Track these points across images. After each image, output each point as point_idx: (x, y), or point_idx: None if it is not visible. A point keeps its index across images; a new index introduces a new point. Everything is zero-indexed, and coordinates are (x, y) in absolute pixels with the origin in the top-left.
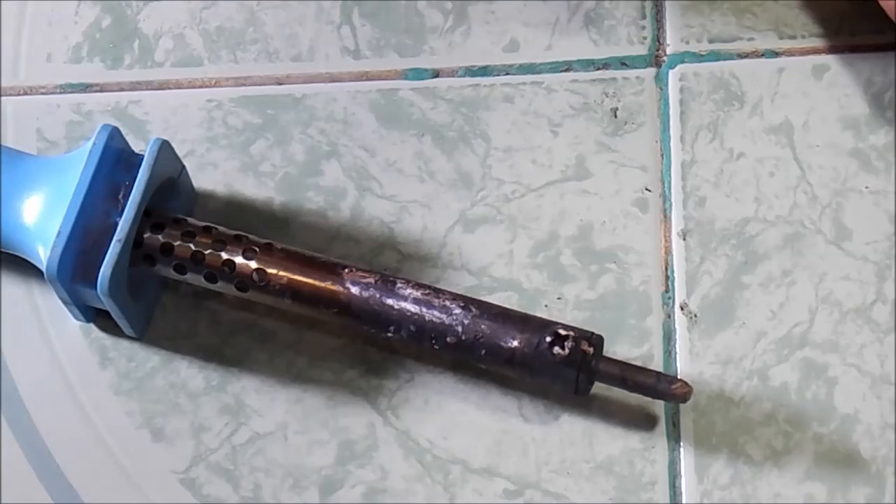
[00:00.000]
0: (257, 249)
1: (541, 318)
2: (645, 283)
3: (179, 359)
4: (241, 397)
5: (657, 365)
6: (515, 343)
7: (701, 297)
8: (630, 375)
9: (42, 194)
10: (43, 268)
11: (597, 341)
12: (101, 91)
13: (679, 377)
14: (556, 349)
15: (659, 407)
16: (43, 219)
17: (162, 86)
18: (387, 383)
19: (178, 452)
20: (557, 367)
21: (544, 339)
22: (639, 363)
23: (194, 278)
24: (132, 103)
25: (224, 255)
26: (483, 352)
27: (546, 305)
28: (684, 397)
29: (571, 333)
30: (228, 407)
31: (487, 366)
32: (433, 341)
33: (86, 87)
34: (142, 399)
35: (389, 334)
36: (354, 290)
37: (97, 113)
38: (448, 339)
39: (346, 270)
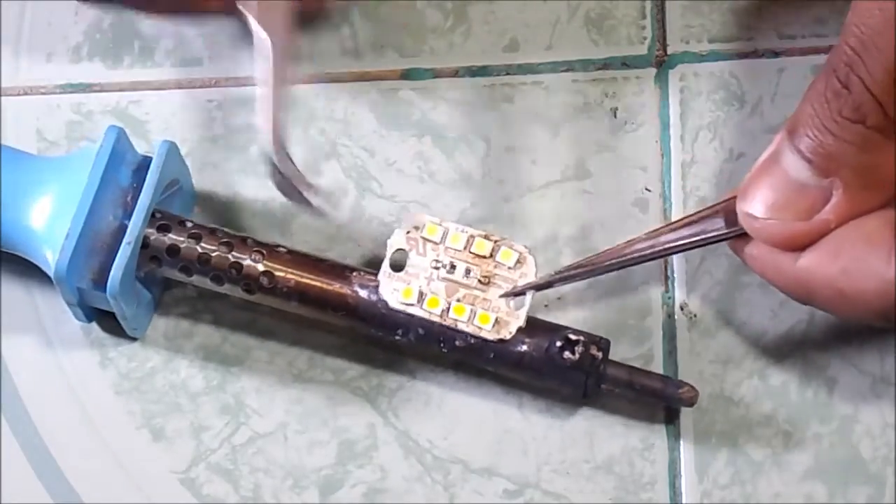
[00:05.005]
0: (265, 252)
1: (549, 323)
2: (645, 283)
3: (179, 359)
4: (241, 397)
5: (658, 365)
6: (525, 347)
7: (701, 297)
8: (637, 379)
9: (48, 196)
10: (50, 270)
11: (605, 345)
12: (101, 91)
13: (685, 381)
14: (567, 354)
15: (659, 407)
16: (50, 221)
17: (162, 86)
18: (387, 383)
19: (178, 452)
20: (567, 372)
21: (554, 343)
22: (639, 363)
23: (200, 280)
24: (132, 103)
25: (231, 258)
26: (492, 355)
27: (546, 305)
28: (691, 401)
29: (581, 338)
30: (228, 407)
31: (496, 369)
32: (441, 345)
33: (86, 87)
34: (142, 399)
35: (398, 337)
36: (363, 293)
37: (97, 113)
38: (457, 343)
39: (355, 273)
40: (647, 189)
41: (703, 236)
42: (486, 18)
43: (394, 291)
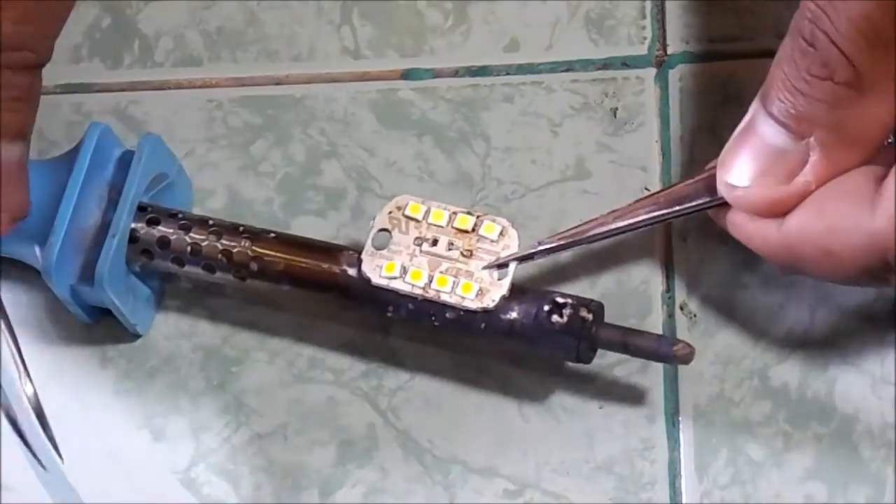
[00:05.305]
0: (253, 237)
1: (539, 289)
2: (645, 283)
3: (179, 359)
4: (241, 397)
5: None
6: (514, 314)
7: (701, 297)
8: (631, 340)
9: (37, 197)
10: (41, 269)
11: (596, 308)
12: (101, 91)
13: (680, 339)
14: (555, 317)
15: (659, 407)
16: (39, 221)
17: (162, 86)
18: (387, 383)
19: (178, 452)
20: (557, 336)
21: (542, 307)
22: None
23: (193, 270)
24: (132, 103)
25: (220, 245)
26: (483, 325)
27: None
28: (686, 359)
29: (569, 301)
30: (228, 407)
31: (488, 339)
32: (433, 318)
33: (86, 87)
34: (142, 399)
35: (389, 314)
36: (352, 271)
37: (97, 113)
38: (447, 315)
39: (343, 253)
40: (646, 189)
41: (686, 206)
42: (486, 18)
43: (376, 268)
